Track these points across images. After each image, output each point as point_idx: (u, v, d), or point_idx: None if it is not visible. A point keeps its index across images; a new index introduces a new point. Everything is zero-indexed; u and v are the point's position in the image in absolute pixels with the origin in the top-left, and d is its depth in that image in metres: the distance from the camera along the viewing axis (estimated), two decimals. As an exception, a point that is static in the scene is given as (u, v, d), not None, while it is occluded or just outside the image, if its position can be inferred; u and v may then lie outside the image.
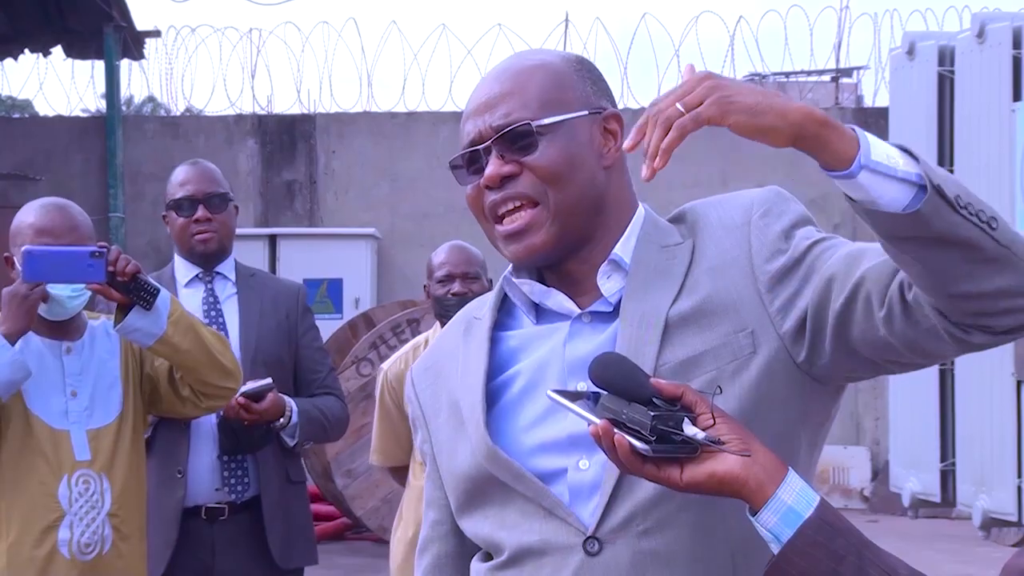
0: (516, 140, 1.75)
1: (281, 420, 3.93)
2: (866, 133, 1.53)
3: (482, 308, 1.90)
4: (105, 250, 3.16)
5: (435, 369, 1.92)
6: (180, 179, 4.06)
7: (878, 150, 1.52)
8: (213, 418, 3.85)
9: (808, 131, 1.51)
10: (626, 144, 1.57)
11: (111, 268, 3.16)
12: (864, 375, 1.72)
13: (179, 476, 3.86)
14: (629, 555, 1.67)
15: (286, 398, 3.96)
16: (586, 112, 1.78)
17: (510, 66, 1.82)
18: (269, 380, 3.86)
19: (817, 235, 1.73)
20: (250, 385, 3.83)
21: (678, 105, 1.51)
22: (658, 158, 1.52)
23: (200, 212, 4.00)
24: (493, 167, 1.75)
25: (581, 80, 1.81)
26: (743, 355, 1.69)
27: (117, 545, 3.36)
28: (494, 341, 1.84)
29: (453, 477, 1.83)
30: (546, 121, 1.75)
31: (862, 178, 1.50)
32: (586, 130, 1.78)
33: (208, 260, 4.05)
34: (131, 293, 3.19)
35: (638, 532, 1.66)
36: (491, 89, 1.80)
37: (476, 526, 1.81)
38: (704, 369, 1.68)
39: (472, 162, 1.80)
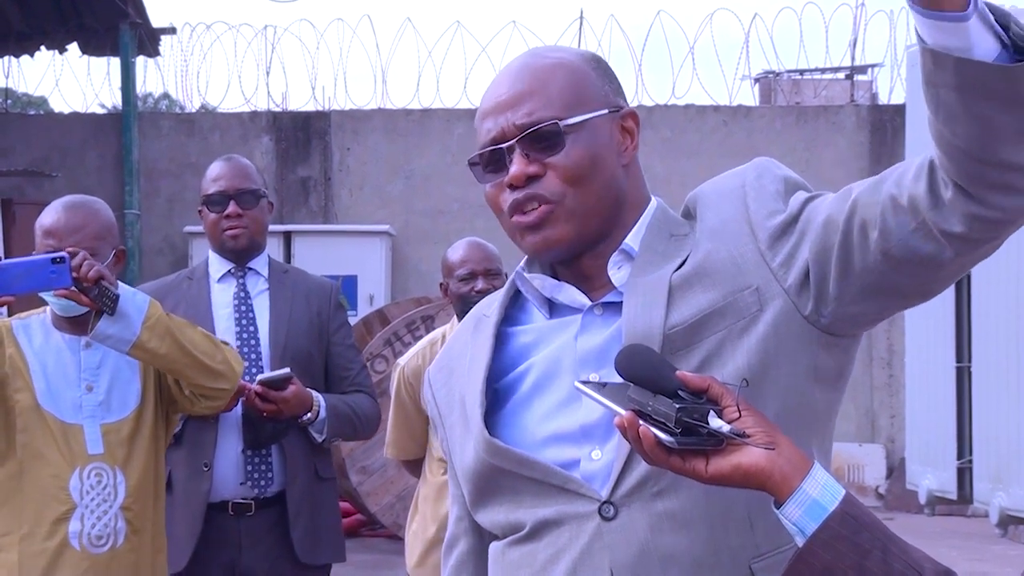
0: (541, 140, 1.73)
1: (308, 415, 3.93)
2: None
3: (491, 305, 1.91)
4: (67, 256, 3.15)
5: (448, 368, 1.93)
6: (213, 175, 4.07)
7: None
8: (240, 411, 3.86)
9: None
10: None
11: (75, 274, 3.17)
12: (871, 316, 1.70)
13: (206, 469, 3.87)
14: (645, 518, 1.67)
15: (313, 393, 3.95)
16: (606, 111, 1.78)
17: (528, 63, 1.81)
18: (287, 370, 3.85)
19: (808, 194, 1.73)
20: (267, 373, 3.85)
21: None
22: None
23: (231, 208, 4.00)
24: (518, 166, 1.74)
25: (599, 78, 1.81)
26: (750, 313, 1.69)
27: (131, 539, 3.37)
28: (505, 337, 1.84)
29: (464, 473, 1.84)
30: (572, 121, 1.74)
31: (973, 24, 1.42)
32: (606, 129, 1.77)
33: (239, 256, 4.06)
34: (97, 299, 3.20)
35: (652, 494, 1.67)
36: (512, 87, 1.78)
37: (492, 516, 1.82)
38: (712, 330, 1.69)
39: (491, 161, 1.77)
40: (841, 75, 14.59)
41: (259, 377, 3.83)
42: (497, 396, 1.81)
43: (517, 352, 1.83)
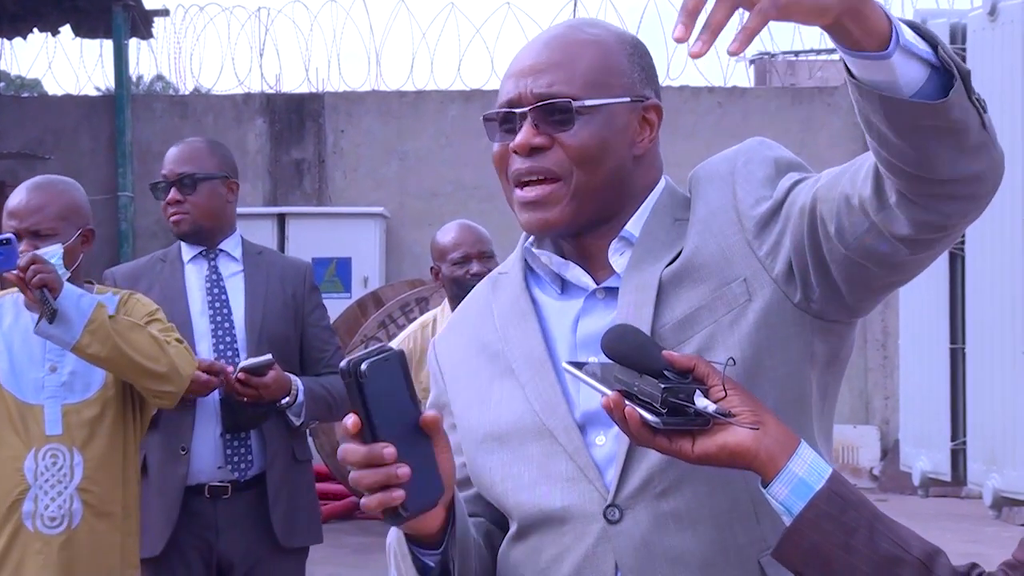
0: (553, 113, 1.73)
1: (287, 399, 3.92)
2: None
3: (505, 266, 1.90)
4: (13, 239, 3.18)
5: (461, 326, 1.92)
6: (164, 160, 4.10)
7: (903, 26, 1.44)
8: (217, 395, 3.85)
9: (853, 3, 1.38)
10: (677, 33, 1.34)
11: (21, 274, 3.18)
12: (859, 303, 1.68)
13: (183, 453, 3.86)
14: (650, 519, 1.66)
15: (292, 377, 3.95)
16: (628, 99, 1.76)
17: (564, 35, 1.79)
18: (269, 356, 3.85)
19: (798, 176, 1.71)
20: (250, 360, 3.83)
21: None
22: (737, 42, 1.32)
23: (171, 194, 4.00)
24: (525, 135, 1.73)
25: (631, 65, 1.78)
26: (738, 304, 1.68)
27: (89, 520, 3.37)
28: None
29: (483, 422, 1.81)
30: (587, 102, 1.73)
31: (896, 59, 1.42)
32: (624, 117, 1.76)
33: (187, 240, 4.05)
34: (38, 302, 3.23)
35: (656, 494, 1.66)
36: (540, 54, 1.76)
37: (492, 474, 1.80)
38: (702, 325, 1.68)
39: (505, 121, 1.77)
40: (836, 56, 14.54)
41: (241, 364, 3.82)
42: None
43: None
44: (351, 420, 1.51)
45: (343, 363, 1.50)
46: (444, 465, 1.57)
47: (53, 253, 3.31)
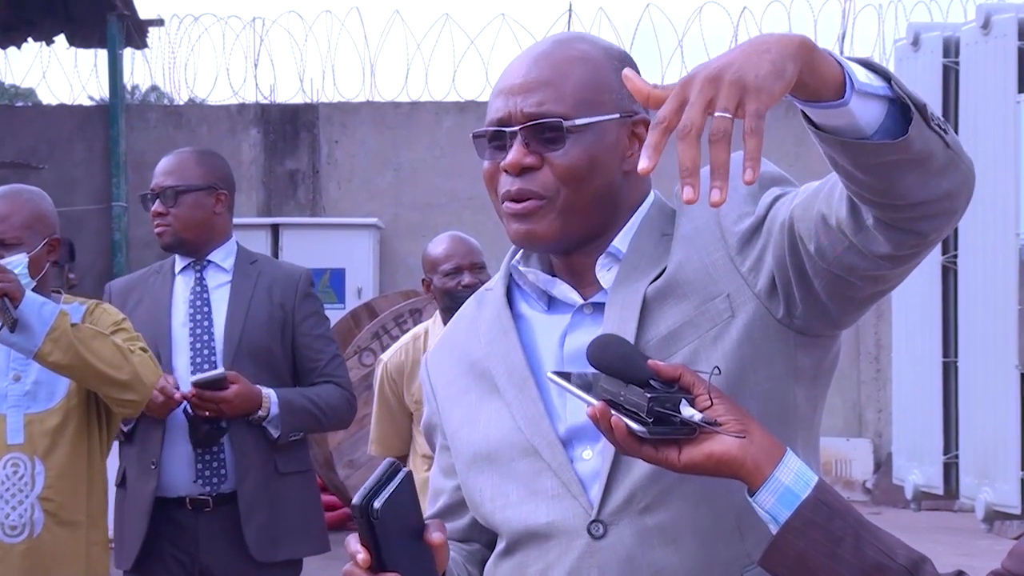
0: (544, 132, 1.72)
1: (260, 412, 3.87)
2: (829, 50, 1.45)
3: (492, 282, 1.91)
4: None
5: (451, 344, 1.92)
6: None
7: (856, 67, 1.46)
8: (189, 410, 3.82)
9: (807, 59, 1.40)
10: (643, 165, 1.37)
11: None
12: (843, 316, 1.69)
13: (152, 467, 3.84)
14: (634, 534, 1.67)
15: (264, 389, 3.89)
16: (618, 115, 1.75)
17: (553, 52, 1.78)
18: (221, 370, 3.81)
19: (780, 190, 1.71)
20: (201, 375, 3.80)
21: (722, 114, 1.36)
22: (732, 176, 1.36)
23: (155, 206, 3.98)
24: (516, 155, 1.72)
25: (620, 80, 1.76)
26: (721, 320, 1.68)
27: (52, 529, 3.38)
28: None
29: (472, 441, 1.82)
30: (579, 122, 1.72)
31: (854, 103, 1.43)
32: (614, 133, 1.75)
33: (172, 252, 4.04)
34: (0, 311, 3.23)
35: (640, 509, 1.66)
36: (529, 72, 1.75)
37: (482, 493, 1.81)
38: (685, 341, 1.68)
39: (495, 138, 1.76)
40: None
41: (192, 379, 3.79)
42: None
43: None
44: (362, 557, 1.54)
45: (355, 500, 1.52)
46: (440, 558, 1.60)
47: (17, 263, 3.32)
